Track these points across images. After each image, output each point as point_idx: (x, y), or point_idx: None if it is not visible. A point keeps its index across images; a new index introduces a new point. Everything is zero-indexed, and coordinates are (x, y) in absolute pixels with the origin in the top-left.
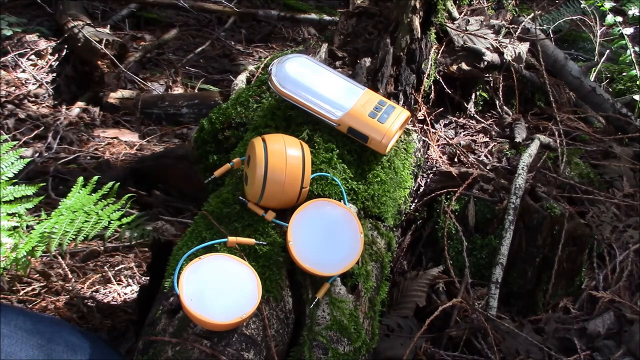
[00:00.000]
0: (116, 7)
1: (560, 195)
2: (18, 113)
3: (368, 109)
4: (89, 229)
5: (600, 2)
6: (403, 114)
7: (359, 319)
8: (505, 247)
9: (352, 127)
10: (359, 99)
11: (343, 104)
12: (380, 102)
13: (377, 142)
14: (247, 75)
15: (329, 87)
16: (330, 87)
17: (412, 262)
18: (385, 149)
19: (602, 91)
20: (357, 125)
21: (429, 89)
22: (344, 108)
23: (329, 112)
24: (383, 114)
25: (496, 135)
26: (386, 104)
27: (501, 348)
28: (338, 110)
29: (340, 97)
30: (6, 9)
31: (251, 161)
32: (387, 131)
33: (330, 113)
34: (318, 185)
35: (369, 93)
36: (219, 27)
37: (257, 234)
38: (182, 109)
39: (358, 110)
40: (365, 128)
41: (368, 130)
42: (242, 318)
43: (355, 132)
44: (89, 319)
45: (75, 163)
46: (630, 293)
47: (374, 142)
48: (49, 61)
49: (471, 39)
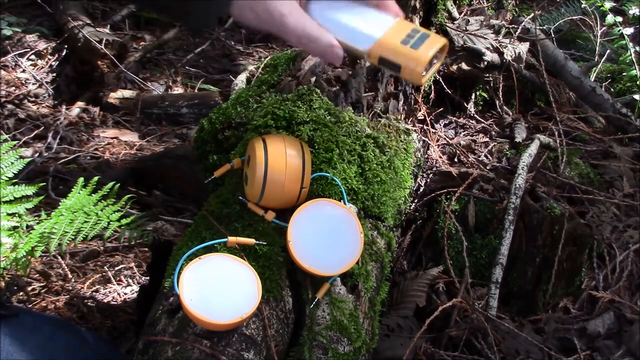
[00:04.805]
0: (116, 7)
1: (560, 195)
2: (18, 113)
3: (400, 37)
4: (89, 229)
5: (601, 2)
6: (439, 41)
7: (359, 319)
8: (505, 247)
9: (383, 56)
10: (391, 28)
11: (373, 34)
12: (413, 29)
13: (410, 70)
14: (247, 75)
15: (357, 17)
16: (359, 18)
17: (412, 262)
18: (421, 78)
19: (602, 91)
20: (389, 54)
21: (429, 89)
22: (374, 38)
23: (358, 42)
24: (417, 41)
25: (496, 135)
26: (420, 32)
27: (501, 348)
28: (368, 39)
29: (369, 27)
30: (6, 9)
31: (251, 161)
32: (421, 57)
33: (359, 43)
34: (318, 185)
35: (401, 22)
36: (219, 27)
37: (257, 234)
38: (182, 109)
39: (389, 38)
40: (398, 56)
41: (401, 58)
42: (242, 318)
43: (386, 61)
44: (89, 319)
45: (75, 163)
46: (630, 293)
47: (407, 70)
48: (49, 61)
49: (471, 39)
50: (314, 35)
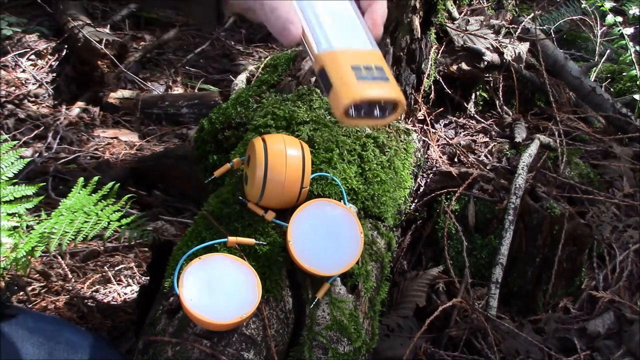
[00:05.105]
0: (116, 7)
1: (560, 195)
2: (18, 113)
3: (358, 62)
4: (89, 229)
5: (601, 2)
6: (391, 94)
7: (359, 319)
8: (505, 247)
9: (325, 68)
10: (359, 50)
11: (336, 42)
12: (379, 67)
13: (336, 99)
14: (247, 75)
15: (335, 19)
16: (336, 20)
17: (412, 262)
18: (342, 114)
19: (602, 91)
20: (330, 70)
21: (429, 89)
22: (332, 46)
23: (315, 41)
24: (369, 77)
25: (496, 135)
26: (384, 74)
27: (501, 348)
28: (326, 44)
29: (339, 34)
30: (6, 9)
31: (251, 161)
32: (355, 92)
33: (316, 42)
34: (318, 185)
35: (377, 54)
36: (219, 27)
37: (257, 234)
38: (182, 109)
39: (345, 56)
40: (336, 77)
41: (337, 80)
42: (242, 318)
43: (324, 76)
44: (89, 319)
45: (75, 163)
46: (630, 293)
47: (334, 96)
48: (49, 61)
49: (471, 39)
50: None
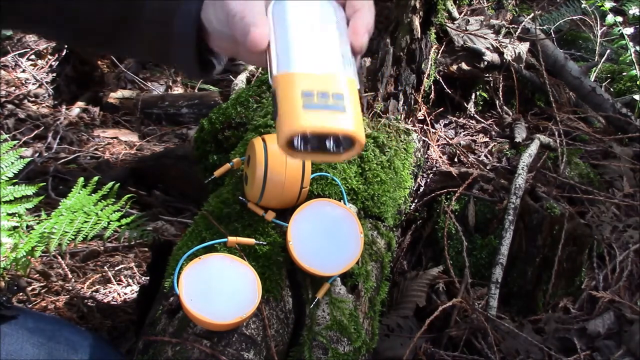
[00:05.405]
0: None
1: (560, 195)
2: (18, 113)
3: (315, 87)
4: (89, 229)
5: (601, 2)
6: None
7: (359, 319)
8: (505, 247)
9: (277, 92)
10: (322, 74)
11: (296, 64)
12: (337, 95)
13: (279, 127)
14: (247, 75)
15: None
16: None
17: (412, 262)
18: (284, 144)
19: (602, 91)
20: (280, 94)
21: (429, 89)
22: (291, 68)
23: (277, 60)
24: (322, 106)
25: (496, 135)
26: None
27: (501, 348)
28: (287, 65)
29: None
30: None
31: (251, 161)
32: (297, 122)
33: (277, 62)
34: (318, 185)
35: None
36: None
37: (257, 234)
38: (182, 109)
39: (300, 81)
40: (283, 103)
41: (283, 107)
42: (242, 318)
43: (274, 99)
44: (89, 319)
45: (75, 163)
46: (630, 293)
47: (278, 123)
48: (49, 61)
49: (471, 39)
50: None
